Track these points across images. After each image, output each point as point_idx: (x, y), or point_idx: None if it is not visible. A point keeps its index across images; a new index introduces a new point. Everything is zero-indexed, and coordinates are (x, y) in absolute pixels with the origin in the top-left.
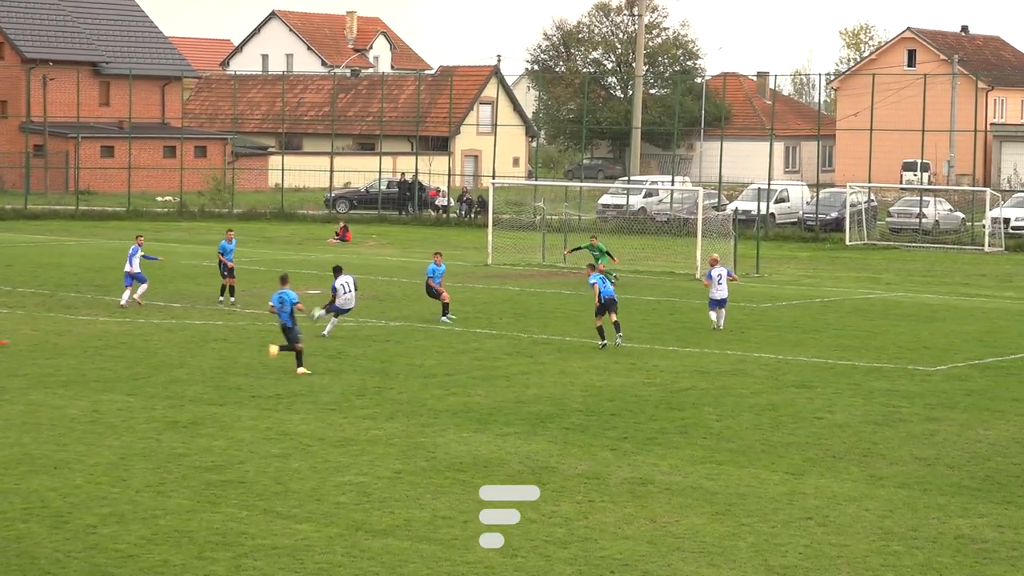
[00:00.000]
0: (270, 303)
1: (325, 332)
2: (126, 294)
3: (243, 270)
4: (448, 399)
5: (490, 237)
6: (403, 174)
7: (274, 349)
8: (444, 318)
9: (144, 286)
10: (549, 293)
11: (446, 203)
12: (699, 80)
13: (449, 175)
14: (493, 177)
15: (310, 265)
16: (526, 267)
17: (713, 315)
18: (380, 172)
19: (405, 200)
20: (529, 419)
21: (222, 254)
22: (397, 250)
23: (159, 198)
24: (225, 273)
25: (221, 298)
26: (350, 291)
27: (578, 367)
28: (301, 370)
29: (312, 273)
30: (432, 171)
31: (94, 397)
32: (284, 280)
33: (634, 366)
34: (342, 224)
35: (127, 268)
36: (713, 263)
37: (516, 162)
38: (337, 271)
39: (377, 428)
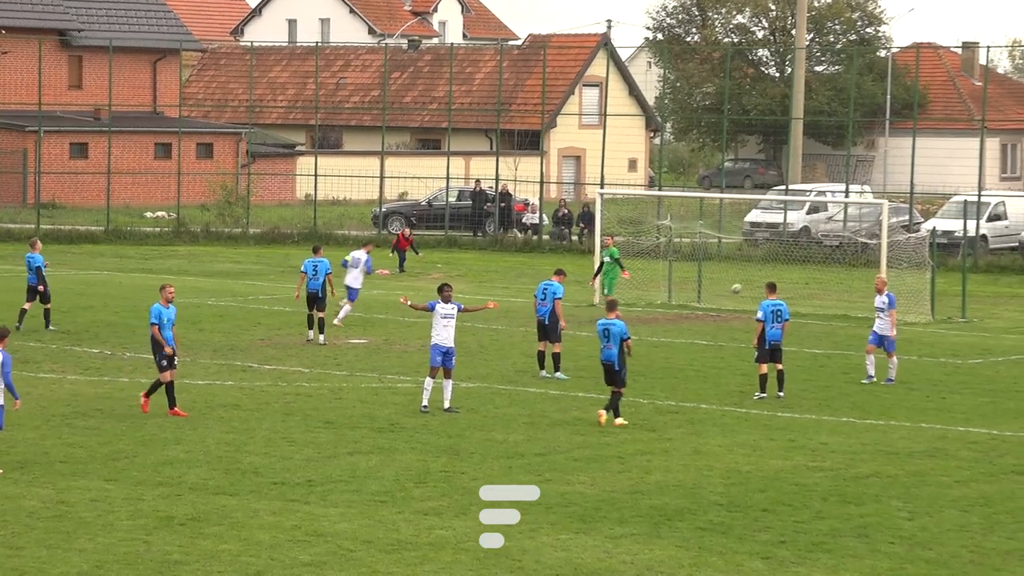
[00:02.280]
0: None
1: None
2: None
3: (262, 311)
4: (540, 487)
5: (597, 265)
6: (478, 181)
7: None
8: (556, 374)
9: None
10: (678, 344)
11: (537, 220)
12: (883, 54)
13: (541, 183)
14: (601, 186)
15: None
16: (646, 308)
17: (870, 362)
18: (448, 178)
19: (482, 217)
20: (651, 516)
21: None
22: (470, 284)
23: (149, 214)
24: (318, 304)
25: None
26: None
27: (718, 445)
28: (326, 336)
29: (357, 316)
30: (518, 177)
31: (60, 483)
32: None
33: (794, 444)
34: (402, 232)
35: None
36: (878, 288)
37: (633, 165)
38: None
39: (443, 527)
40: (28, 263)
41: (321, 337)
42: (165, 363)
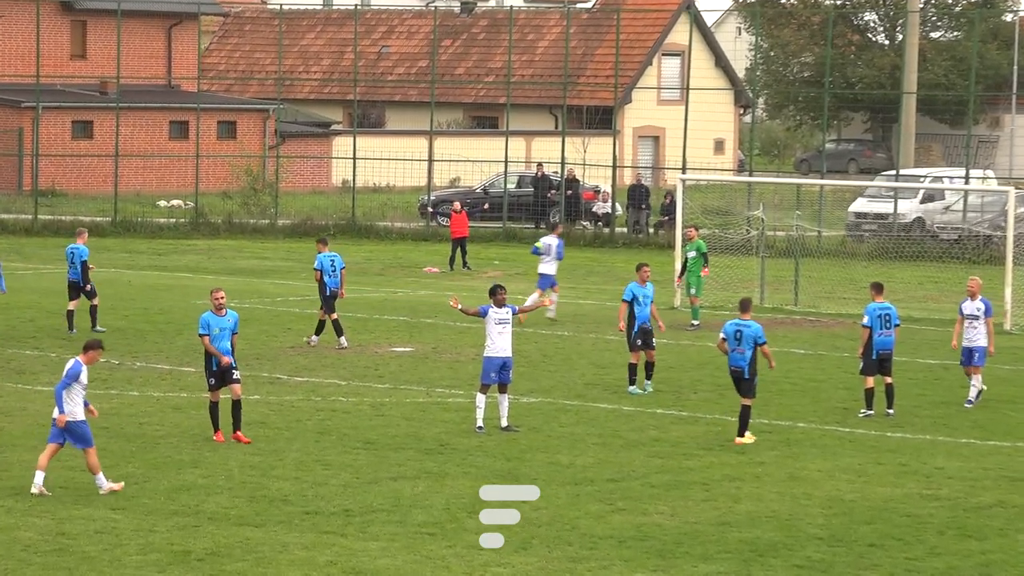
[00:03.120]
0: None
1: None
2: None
3: (292, 315)
4: (612, 518)
5: (678, 264)
6: (541, 165)
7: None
8: (645, 386)
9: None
10: (772, 353)
11: (609, 210)
12: (1009, 18)
13: (614, 167)
14: (683, 170)
15: (396, 308)
16: (734, 311)
17: (974, 383)
18: (506, 162)
19: (545, 206)
20: (740, 551)
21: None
22: (531, 284)
23: (162, 203)
24: (327, 308)
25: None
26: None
27: (817, 470)
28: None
29: (401, 320)
30: (588, 160)
31: (61, 513)
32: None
33: (905, 468)
34: (456, 206)
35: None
36: (972, 292)
37: (720, 147)
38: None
39: (500, 563)
40: (70, 256)
41: (343, 339)
42: (213, 381)
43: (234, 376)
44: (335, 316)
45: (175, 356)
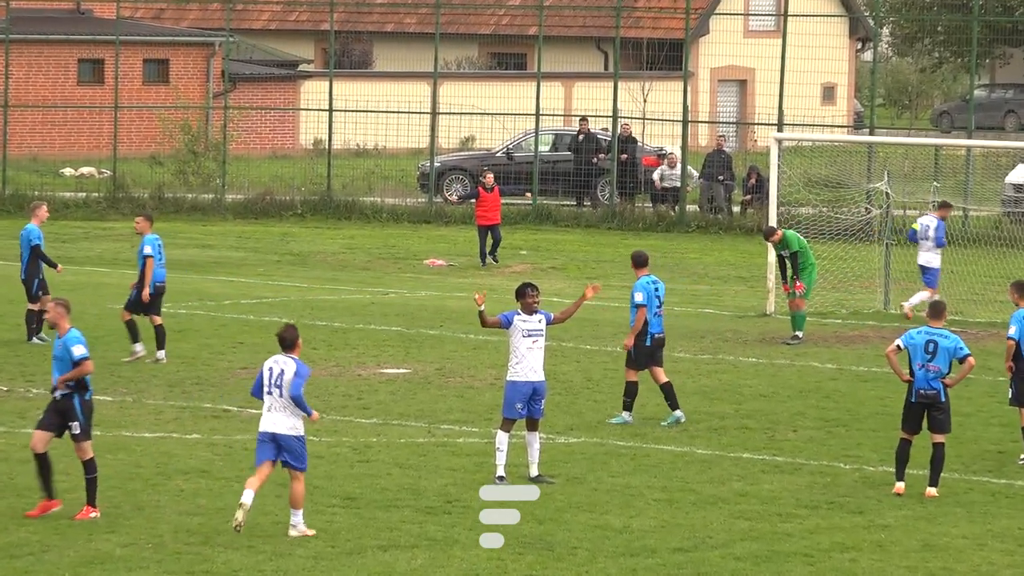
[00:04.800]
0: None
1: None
2: None
3: (245, 324)
4: None
5: (771, 257)
6: (585, 120)
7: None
8: (674, 416)
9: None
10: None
11: (678, 181)
12: None
13: (685, 122)
14: (780, 127)
15: (387, 315)
16: (849, 319)
17: None
18: (537, 115)
19: (591, 175)
20: None
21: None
22: (571, 283)
23: (68, 171)
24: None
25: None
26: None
27: (961, 536)
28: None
29: (394, 332)
30: (648, 114)
31: None
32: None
33: None
34: (488, 178)
35: None
36: None
37: (829, 95)
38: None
39: None
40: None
41: (161, 353)
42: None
43: (72, 429)
44: (160, 321)
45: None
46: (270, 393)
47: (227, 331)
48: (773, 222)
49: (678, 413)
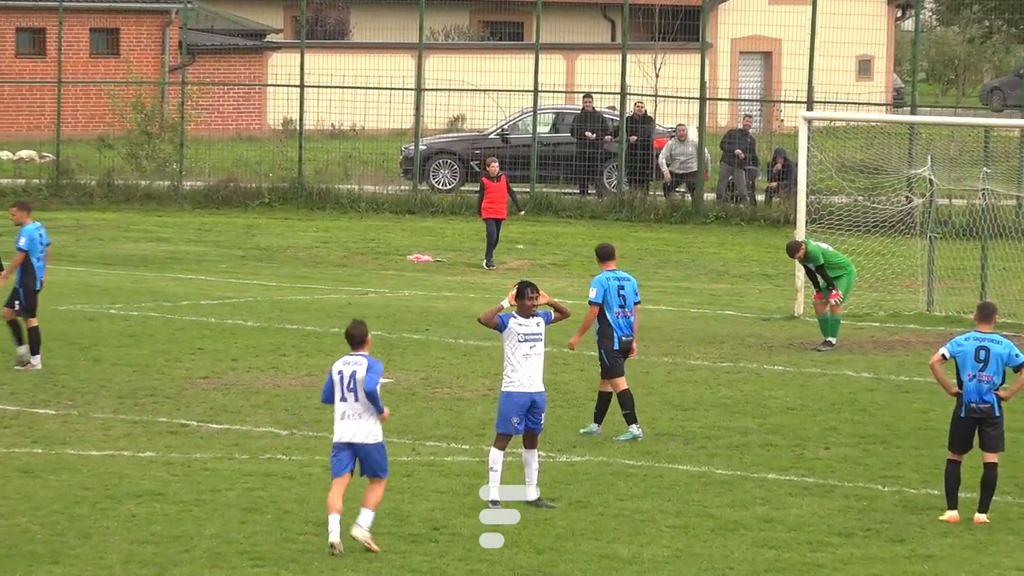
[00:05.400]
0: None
1: None
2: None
3: (205, 327)
4: None
5: (799, 277)
6: (590, 97)
7: None
8: (630, 433)
9: None
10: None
11: (694, 166)
12: None
13: (703, 100)
14: (810, 105)
15: (366, 317)
16: (887, 320)
17: None
18: (536, 92)
19: (596, 160)
20: None
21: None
22: (573, 281)
23: (5, 154)
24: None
25: None
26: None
27: (1016, 568)
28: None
29: (374, 336)
30: (661, 91)
31: None
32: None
33: None
34: (493, 167)
35: None
36: None
37: (865, 69)
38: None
39: None
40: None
41: (36, 360)
42: None
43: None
44: (34, 323)
45: (24, 392)
46: (344, 399)
47: (185, 335)
48: (802, 214)
49: (635, 429)
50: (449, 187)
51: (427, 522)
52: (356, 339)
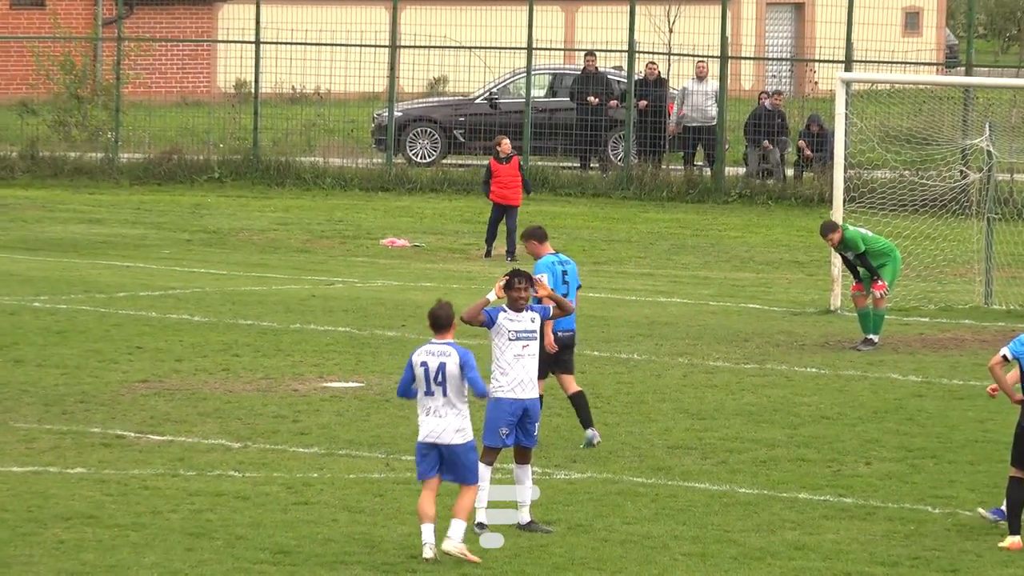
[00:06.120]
0: None
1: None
2: None
3: (146, 321)
4: None
5: (835, 265)
6: (592, 56)
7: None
8: (588, 436)
9: None
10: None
11: (710, 113)
12: None
13: (724, 59)
14: (847, 65)
15: (332, 311)
16: (937, 315)
17: None
18: (530, 49)
19: (600, 128)
20: None
21: None
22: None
23: None
24: None
25: None
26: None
27: None
28: None
29: (342, 333)
30: (675, 49)
31: None
32: None
33: None
34: (503, 146)
35: None
36: None
37: (912, 23)
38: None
39: None
40: None
41: None
42: None
43: None
44: None
45: None
46: (430, 393)
47: (121, 332)
48: (839, 191)
49: (592, 433)
50: (429, 160)
51: (403, 549)
52: (443, 323)
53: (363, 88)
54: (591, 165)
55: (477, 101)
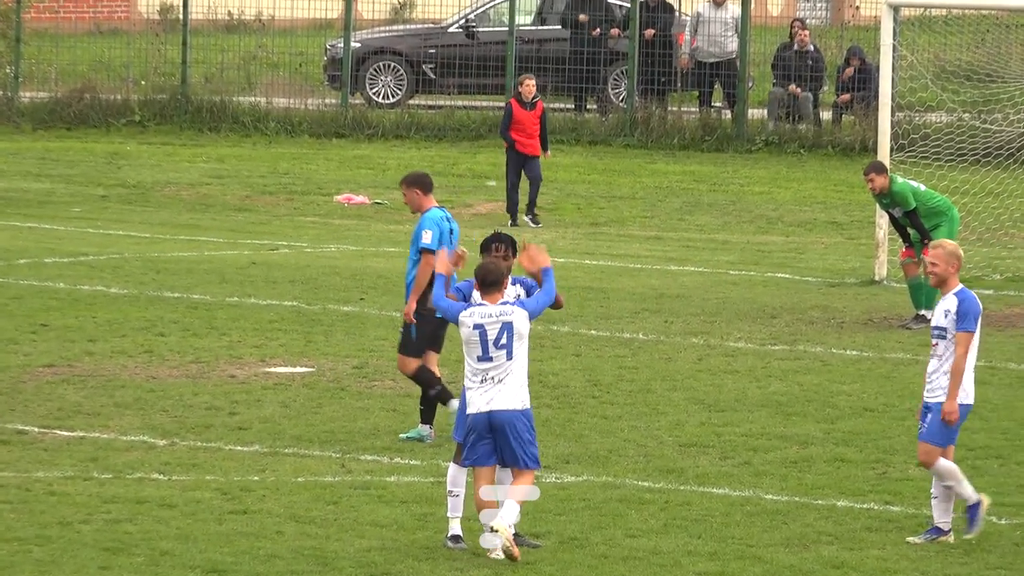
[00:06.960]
0: None
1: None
2: None
3: (52, 293)
4: None
5: (881, 226)
6: None
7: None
8: (417, 431)
9: None
10: None
11: (728, 47)
12: None
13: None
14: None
15: (276, 282)
16: (1004, 287)
17: None
18: None
19: (597, 63)
20: None
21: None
22: (569, 229)
23: None
24: None
25: None
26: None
27: None
28: None
29: (288, 308)
30: None
31: None
32: None
33: None
34: (528, 85)
35: None
36: None
37: None
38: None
39: None
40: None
41: None
42: None
43: None
44: None
45: None
46: (487, 358)
47: (23, 307)
48: (885, 138)
49: (424, 429)
50: (392, 101)
51: (362, 567)
52: (495, 283)
53: (314, 14)
54: (588, 107)
55: (451, 30)
